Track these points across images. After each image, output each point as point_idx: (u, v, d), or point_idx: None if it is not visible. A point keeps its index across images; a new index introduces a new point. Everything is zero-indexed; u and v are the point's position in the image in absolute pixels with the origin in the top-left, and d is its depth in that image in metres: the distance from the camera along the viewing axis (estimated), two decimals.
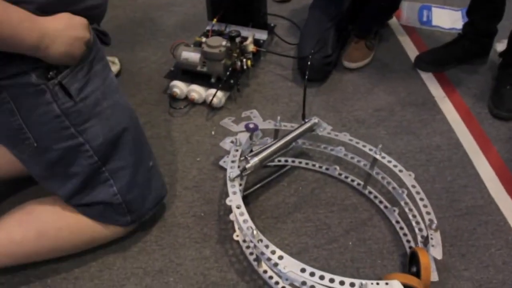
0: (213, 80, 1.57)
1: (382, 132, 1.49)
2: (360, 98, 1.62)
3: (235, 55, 1.55)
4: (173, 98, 1.61)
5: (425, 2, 2.15)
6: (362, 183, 1.31)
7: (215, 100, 1.55)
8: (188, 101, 1.60)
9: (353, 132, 1.49)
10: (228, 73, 1.55)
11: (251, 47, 1.64)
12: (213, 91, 1.54)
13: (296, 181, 1.33)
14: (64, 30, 0.84)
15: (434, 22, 2.01)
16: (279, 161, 1.37)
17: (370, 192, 1.29)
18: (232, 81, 1.57)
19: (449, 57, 1.71)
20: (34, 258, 1.08)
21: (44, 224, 1.04)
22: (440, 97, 1.62)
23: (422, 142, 1.45)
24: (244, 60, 1.60)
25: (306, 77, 1.49)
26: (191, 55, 1.56)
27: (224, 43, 1.51)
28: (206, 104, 1.59)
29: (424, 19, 2.03)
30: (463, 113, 1.55)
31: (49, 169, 0.99)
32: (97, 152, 0.98)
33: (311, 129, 1.26)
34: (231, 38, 1.51)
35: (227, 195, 1.06)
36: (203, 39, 1.56)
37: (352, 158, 1.29)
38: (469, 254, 1.14)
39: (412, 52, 1.84)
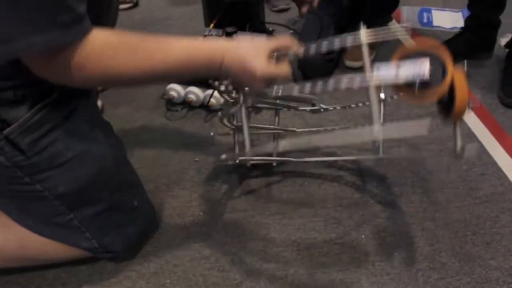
0: (210, 81, 1.51)
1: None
2: (364, 96, 1.55)
3: None
4: (170, 102, 1.55)
5: (424, 5, 2.12)
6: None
7: (213, 101, 1.48)
8: (186, 104, 1.54)
9: (360, 125, 1.42)
10: None
11: None
12: (211, 92, 1.48)
13: (301, 176, 1.25)
14: (243, 56, 0.77)
15: (435, 23, 1.97)
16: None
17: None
18: None
19: (454, 52, 1.65)
20: (14, 265, 0.98)
21: (29, 235, 0.93)
22: None
23: (433, 133, 1.37)
24: None
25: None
26: None
27: None
28: (204, 107, 1.52)
29: (425, 20, 2.00)
30: (474, 104, 1.48)
31: (13, 205, 0.91)
32: (59, 199, 0.86)
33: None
34: (227, 34, 1.46)
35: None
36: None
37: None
38: (494, 242, 1.04)
39: None
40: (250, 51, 0.76)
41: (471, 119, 1.42)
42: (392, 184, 1.21)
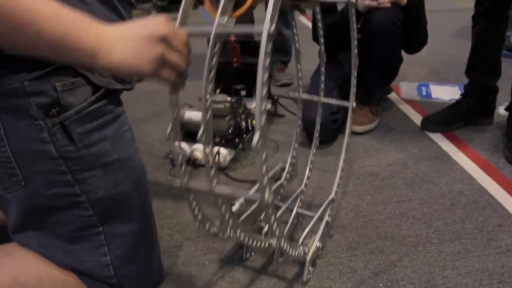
0: (217, 139, 1.52)
1: (399, 182, 1.39)
2: (371, 156, 1.56)
3: (240, 111, 1.53)
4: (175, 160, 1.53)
5: (422, 80, 2.22)
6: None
7: (220, 159, 1.47)
8: (191, 162, 1.53)
9: (367, 184, 1.39)
10: (232, 130, 1.51)
11: None
12: (217, 149, 1.48)
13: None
14: (131, 29, 0.65)
15: (433, 95, 2.04)
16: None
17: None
18: (237, 140, 1.52)
19: (456, 117, 1.70)
20: None
21: (24, 271, 0.85)
22: (453, 151, 1.56)
23: (442, 189, 1.35)
24: (249, 120, 1.57)
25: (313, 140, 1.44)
26: (194, 114, 1.54)
27: (229, 99, 1.50)
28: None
29: (424, 93, 2.07)
30: (481, 164, 1.48)
31: (30, 216, 0.83)
32: (95, 207, 0.83)
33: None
34: (236, 92, 1.50)
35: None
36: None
37: None
38: None
39: (416, 118, 1.83)
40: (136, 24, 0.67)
41: (480, 175, 1.41)
42: (407, 235, 1.16)
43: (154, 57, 0.64)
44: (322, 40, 1.16)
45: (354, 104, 1.22)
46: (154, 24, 0.65)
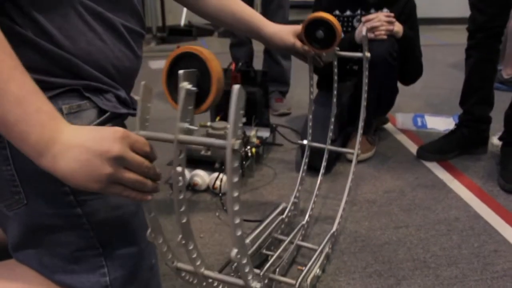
0: (217, 165, 1.55)
1: (396, 209, 1.41)
2: (368, 184, 1.58)
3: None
4: None
5: (417, 112, 2.27)
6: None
7: (218, 184, 1.49)
8: (191, 188, 1.54)
9: (365, 210, 1.41)
10: None
11: (255, 139, 1.66)
12: (216, 175, 1.50)
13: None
14: (86, 141, 0.61)
15: (429, 126, 2.09)
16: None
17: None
18: None
19: (451, 146, 1.73)
20: None
21: (27, 285, 0.88)
22: (449, 179, 1.59)
23: (439, 215, 1.37)
24: (248, 147, 1.60)
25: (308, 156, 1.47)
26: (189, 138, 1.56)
27: (229, 126, 1.53)
28: (210, 191, 1.53)
29: (419, 124, 2.11)
30: (476, 191, 1.50)
31: (31, 234, 0.84)
32: (95, 228, 0.83)
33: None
34: None
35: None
36: (208, 123, 1.59)
37: None
38: None
39: (412, 147, 1.86)
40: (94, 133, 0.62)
41: (476, 203, 1.43)
42: (404, 260, 1.17)
43: (104, 177, 0.61)
44: (335, 92, 1.22)
45: (360, 152, 1.27)
46: (111, 140, 0.61)
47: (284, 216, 1.26)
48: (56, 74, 0.75)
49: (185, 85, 0.65)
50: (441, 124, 2.10)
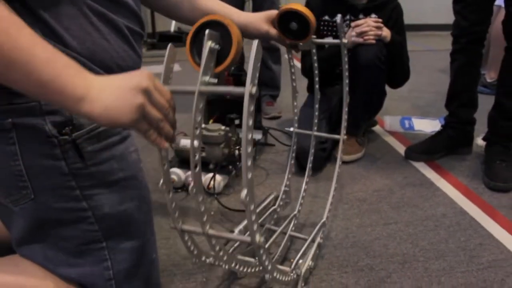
0: (211, 166, 1.58)
1: (385, 206, 1.46)
2: (358, 183, 1.63)
3: (234, 139, 1.60)
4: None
5: (404, 114, 2.33)
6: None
7: (213, 184, 1.53)
8: (185, 188, 1.58)
9: (356, 208, 1.46)
10: (225, 157, 1.57)
11: None
12: (211, 176, 1.54)
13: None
14: (116, 80, 0.67)
15: (416, 128, 2.15)
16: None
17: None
18: (230, 167, 1.58)
19: (437, 146, 1.79)
20: None
21: (31, 279, 0.88)
22: (436, 178, 1.64)
23: (426, 212, 1.42)
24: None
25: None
26: (189, 142, 1.60)
27: (223, 127, 1.57)
28: (204, 191, 1.56)
29: (407, 126, 2.18)
30: (462, 189, 1.56)
31: (37, 229, 0.87)
32: (100, 222, 0.87)
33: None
34: (230, 120, 1.58)
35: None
36: (202, 125, 1.62)
37: None
38: None
39: (400, 148, 1.92)
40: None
41: (462, 200, 1.49)
42: (394, 254, 1.21)
43: (135, 107, 0.65)
44: (317, 79, 1.26)
45: (345, 137, 1.30)
46: (139, 77, 0.67)
47: (276, 206, 1.30)
48: None
49: (209, 44, 0.71)
50: (428, 126, 2.16)
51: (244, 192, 0.67)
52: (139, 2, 0.93)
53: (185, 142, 1.61)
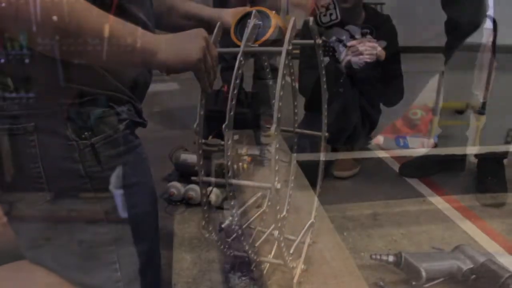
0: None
1: (380, 222, 1.50)
2: (354, 199, 1.67)
3: (233, 155, 1.64)
4: (169, 199, 1.61)
5: (399, 132, 2.38)
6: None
7: (212, 197, 1.56)
8: (185, 201, 1.60)
9: (351, 223, 1.49)
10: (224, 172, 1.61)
11: (246, 157, 1.74)
12: (210, 189, 1.57)
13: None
14: (180, 33, 0.81)
15: (410, 146, 2.20)
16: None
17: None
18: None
19: (431, 163, 1.84)
20: None
21: (37, 285, 0.90)
22: (430, 194, 1.69)
23: (421, 226, 1.46)
24: (240, 163, 1.67)
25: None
26: (190, 156, 1.64)
27: (222, 142, 1.61)
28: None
29: (401, 144, 2.23)
30: (455, 205, 1.60)
31: (49, 231, 0.89)
32: (111, 225, 0.89)
33: None
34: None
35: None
36: (202, 141, 1.67)
37: None
38: None
39: (395, 165, 1.96)
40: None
41: (454, 214, 1.53)
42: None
43: (200, 48, 0.78)
44: (324, 79, 1.29)
45: (327, 134, 1.33)
46: (198, 30, 0.81)
47: (265, 207, 1.33)
48: (87, 84, 0.84)
49: (254, 20, 0.84)
50: (422, 144, 2.21)
51: (273, 127, 0.75)
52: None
53: (185, 156, 1.65)
